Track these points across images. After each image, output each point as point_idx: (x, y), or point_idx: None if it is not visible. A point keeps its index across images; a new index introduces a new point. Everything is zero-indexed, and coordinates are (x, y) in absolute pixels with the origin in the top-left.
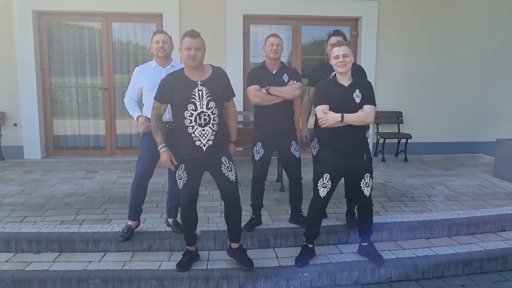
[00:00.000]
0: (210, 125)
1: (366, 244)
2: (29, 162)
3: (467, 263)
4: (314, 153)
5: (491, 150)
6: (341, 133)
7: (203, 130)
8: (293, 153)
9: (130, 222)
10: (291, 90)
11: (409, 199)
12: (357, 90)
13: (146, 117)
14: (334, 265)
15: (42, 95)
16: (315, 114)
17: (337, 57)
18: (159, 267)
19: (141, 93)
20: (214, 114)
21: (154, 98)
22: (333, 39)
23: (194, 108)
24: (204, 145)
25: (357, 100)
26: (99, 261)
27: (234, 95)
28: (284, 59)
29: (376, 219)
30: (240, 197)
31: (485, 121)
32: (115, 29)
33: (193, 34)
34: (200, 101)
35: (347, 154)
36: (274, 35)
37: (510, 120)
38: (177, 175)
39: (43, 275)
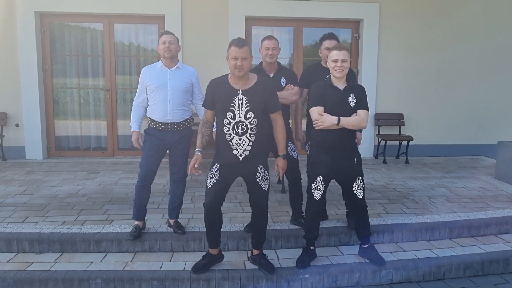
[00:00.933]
0: (247, 135)
1: (367, 246)
2: (30, 163)
3: (469, 265)
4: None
5: (493, 153)
6: (334, 136)
7: (240, 139)
8: (291, 154)
9: (136, 222)
10: (288, 95)
11: (410, 201)
12: (352, 94)
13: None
14: (335, 267)
15: (44, 96)
16: (307, 116)
17: (335, 61)
18: (161, 267)
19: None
20: (252, 124)
21: (202, 104)
22: (328, 43)
23: (232, 117)
24: (241, 155)
25: (352, 104)
26: (101, 261)
27: (279, 109)
28: (285, 61)
29: (377, 221)
30: (241, 199)
31: (487, 123)
32: (117, 31)
33: (239, 44)
34: (239, 110)
35: (340, 157)
36: (269, 37)
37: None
38: (209, 173)
39: (44, 275)
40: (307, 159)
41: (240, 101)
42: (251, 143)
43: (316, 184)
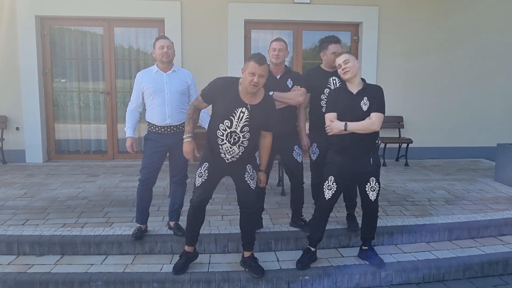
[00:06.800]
0: (238, 145)
1: (367, 247)
2: (31, 166)
3: (468, 267)
4: (314, 158)
5: (492, 155)
6: (346, 138)
7: (231, 147)
8: (296, 158)
9: (138, 225)
10: (295, 96)
11: (410, 203)
12: (365, 98)
13: (134, 138)
14: (335, 269)
15: (44, 99)
16: (309, 119)
17: (339, 66)
18: (161, 270)
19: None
20: (245, 138)
21: (200, 93)
22: (334, 47)
23: (229, 125)
24: (228, 159)
25: (364, 108)
26: (101, 264)
27: (273, 130)
28: None
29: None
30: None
31: (486, 125)
32: (117, 34)
33: (260, 61)
34: (237, 122)
35: (354, 157)
36: (278, 39)
37: (511, 125)
38: (197, 172)
39: (45, 277)
40: (315, 161)
41: (242, 114)
42: (240, 153)
43: (328, 183)
